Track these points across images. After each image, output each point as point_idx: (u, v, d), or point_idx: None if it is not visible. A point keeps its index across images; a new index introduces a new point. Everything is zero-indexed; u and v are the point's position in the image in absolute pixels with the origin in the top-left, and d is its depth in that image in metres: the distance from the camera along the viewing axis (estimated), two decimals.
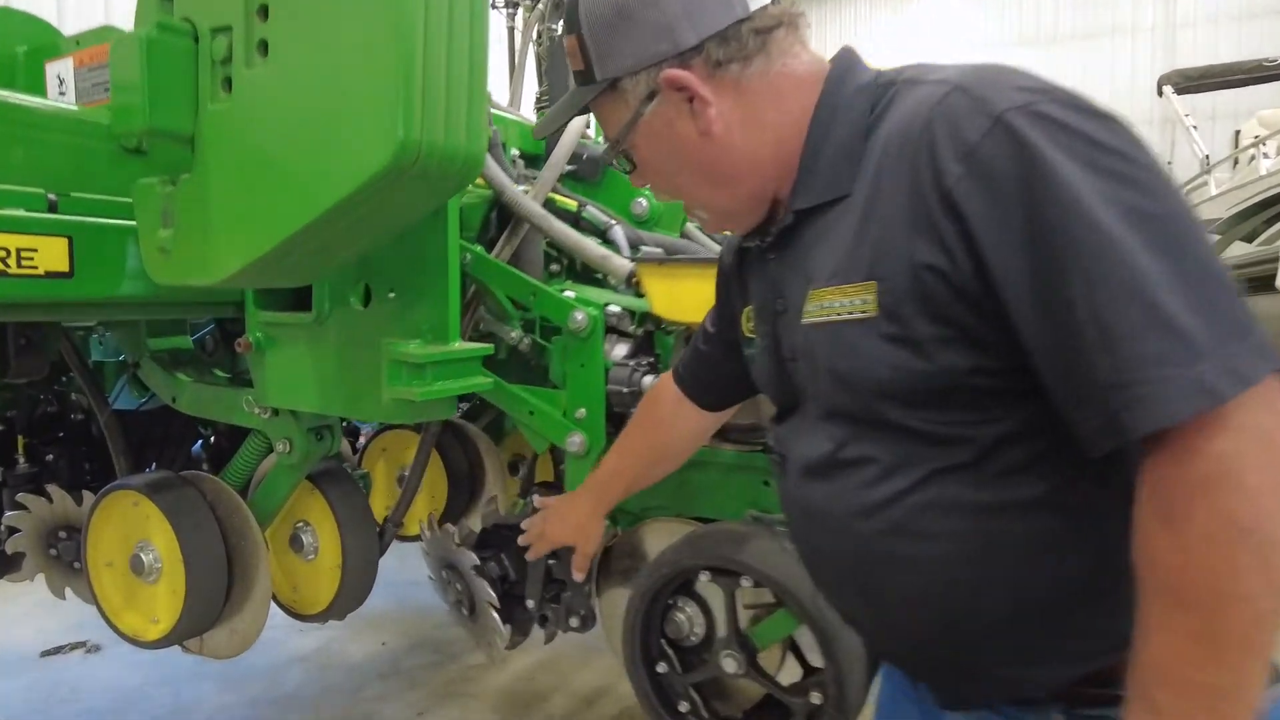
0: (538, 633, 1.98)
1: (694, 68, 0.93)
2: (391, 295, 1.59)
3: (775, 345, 1.03)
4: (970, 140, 0.77)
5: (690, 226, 2.31)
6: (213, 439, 3.07)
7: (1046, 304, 0.74)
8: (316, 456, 1.92)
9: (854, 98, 0.92)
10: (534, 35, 4.03)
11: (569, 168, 2.09)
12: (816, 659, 1.77)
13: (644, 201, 2.15)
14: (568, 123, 1.10)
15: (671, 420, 1.48)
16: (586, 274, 2.08)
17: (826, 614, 1.49)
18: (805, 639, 1.70)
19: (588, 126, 2.18)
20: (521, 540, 1.73)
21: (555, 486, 1.91)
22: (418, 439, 2.66)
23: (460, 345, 1.55)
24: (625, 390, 1.66)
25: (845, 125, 0.91)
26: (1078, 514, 0.83)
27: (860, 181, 0.88)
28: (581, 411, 1.69)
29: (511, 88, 3.45)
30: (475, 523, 2.19)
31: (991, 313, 0.78)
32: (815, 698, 1.53)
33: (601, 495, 1.62)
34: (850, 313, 0.86)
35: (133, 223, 1.55)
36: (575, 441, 1.68)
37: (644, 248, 1.90)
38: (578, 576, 1.69)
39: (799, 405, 1.02)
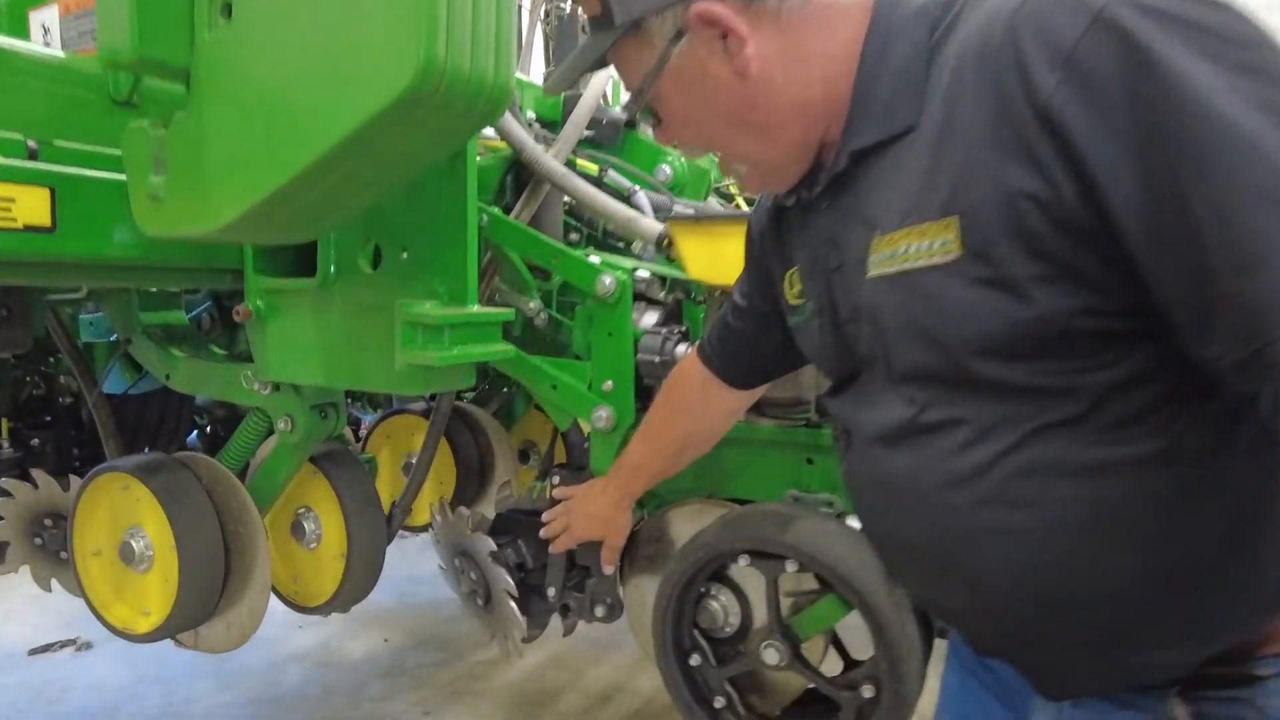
0: (551, 627, 1.86)
1: (726, 0, 0.81)
2: (404, 256, 1.46)
3: (830, 308, 0.92)
4: (1066, 42, 0.65)
5: (712, 200, 2.19)
6: (209, 428, 2.96)
7: (1170, 225, 0.63)
8: (320, 436, 1.79)
9: (910, 22, 0.82)
10: (541, 14, 3.89)
11: (587, 133, 1.97)
12: (859, 651, 1.66)
13: (667, 168, 2.03)
14: (579, 77, 0.98)
15: (699, 403, 1.37)
16: (607, 245, 1.95)
17: (881, 598, 1.37)
18: (847, 630, 1.58)
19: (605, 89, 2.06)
20: (544, 533, 1.63)
21: (578, 468, 1.78)
22: (424, 424, 2.54)
23: (479, 309, 1.42)
24: (657, 360, 1.53)
25: (903, 52, 0.81)
26: (1199, 468, 0.72)
27: (928, 111, 0.78)
28: (608, 384, 1.56)
29: (518, 68, 3.33)
30: (488, 509, 2.07)
31: (1100, 243, 0.67)
32: (867, 691, 1.41)
33: (628, 486, 1.52)
34: (929, 257, 0.75)
35: (121, 177, 1.43)
36: (602, 416, 1.55)
37: (677, 207, 1.78)
38: (606, 570, 1.58)
39: (860, 373, 0.91)
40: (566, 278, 1.58)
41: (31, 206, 1.30)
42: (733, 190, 2.27)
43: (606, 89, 1.93)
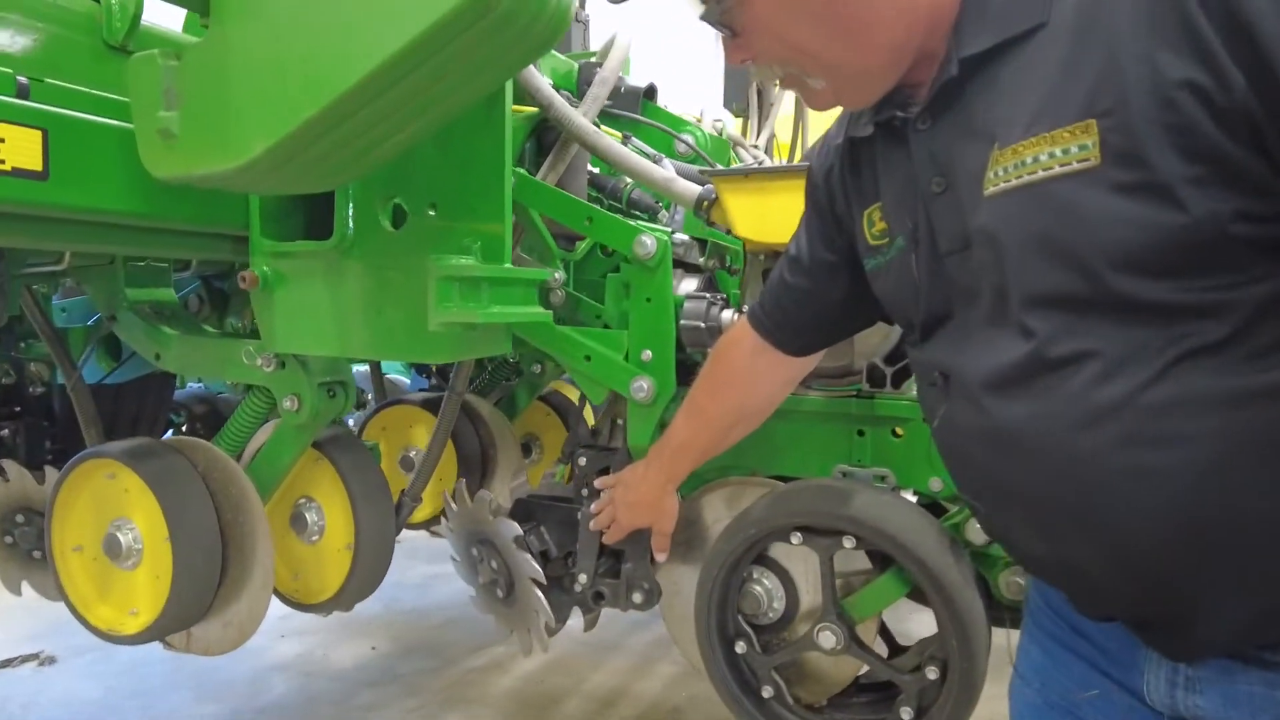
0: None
1: None
2: (432, 212, 1.35)
3: (929, 238, 0.85)
4: None
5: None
6: (185, 425, 2.79)
7: None
8: (328, 416, 1.66)
9: None
10: None
11: (605, 102, 1.88)
12: (907, 637, 1.58)
13: (689, 137, 1.95)
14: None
15: (749, 375, 1.28)
16: (631, 217, 1.86)
17: (951, 571, 1.29)
18: (892, 616, 1.50)
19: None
20: (594, 525, 1.52)
21: (605, 448, 1.68)
22: (423, 415, 2.42)
23: (515, 266, 1.32)
24: (703, 326, 1.44)
25: None
26: None
27: (1058, 8, 0.71)
28: (647, 354, 1.46)
29: None
30: (502, 498, 1.94)
31: (1266, 137, 0.61)
32: (931, 672, 1.32)
33: (673, 469, 1.43)
34: (1064, 165, 0.68)
35: (117, 123, 1.31)
36: (642, 387, 1.45)
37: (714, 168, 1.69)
38: (660, 558, 1.48)
39: (952, 314, 0.83)
40: (602, 240, 1.48)
41: (22, 148, 1.17)
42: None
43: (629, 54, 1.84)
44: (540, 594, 1.60)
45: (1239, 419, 0.67)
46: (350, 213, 1.41)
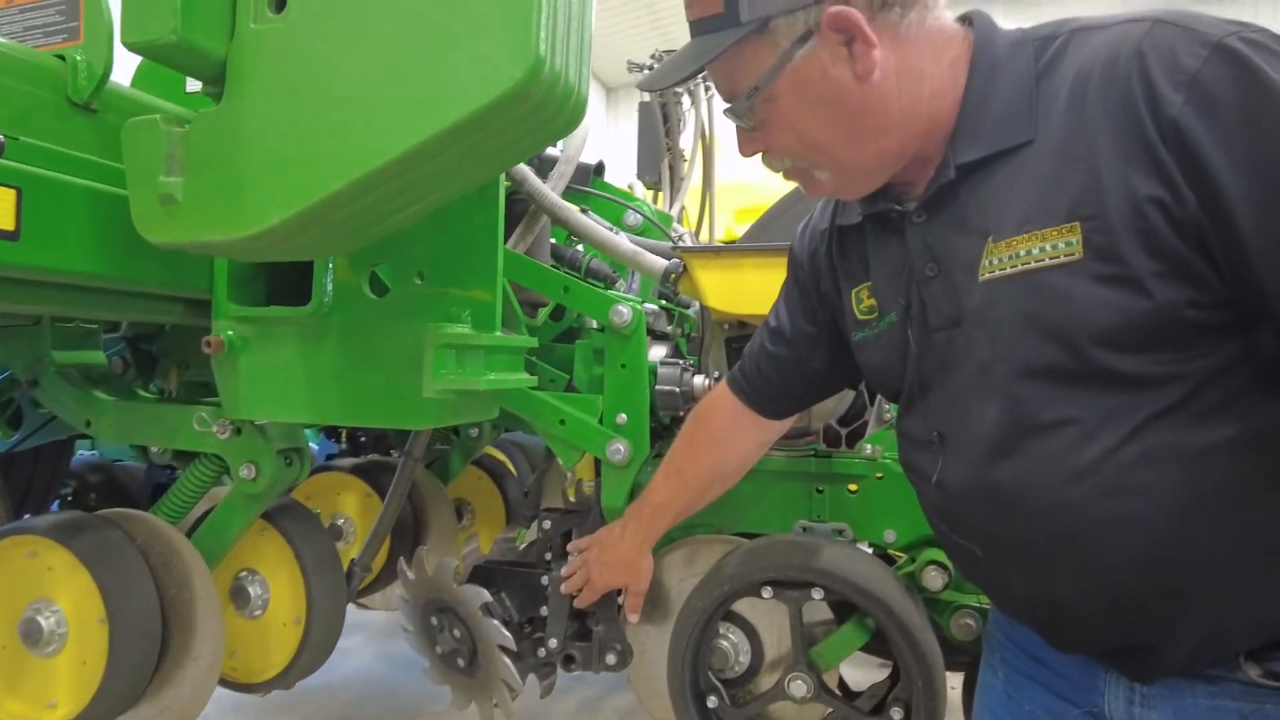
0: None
1: (855, 7, 0.87)
2: (419, 280, 1.37)
3: (921, 315, 0.97)
4: (1189, 68, 0.76)
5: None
6: (74, 494, 2.58)
7: None
8: (285, 485, 1.61)
9: (1012, 50, 0.91)
10: None
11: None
12: (858, 683, 1.67)
13: (636, 215, 2.06)
14: (682, 79, 1.00)
15: (728, 436, 1.37)
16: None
17: (914, 616, 1.39)
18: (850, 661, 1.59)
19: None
20: (566, 589, 1.54)
21: (567, 510, 1.70)
22: (351, 482, 2.36)
23: (504, 334, 1.35)
24: (678, 390, 1.51)
25: (1012, 75, 0.89)
26: None
27: (1044, 126, 0.86)
28: (622, 417, 1.52)
29: None
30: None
31: (1209, 244, 0.77)
32: (896, 714, 1.41)
33: (650, 529, 1.48)
34: (1053, 258, 0.82)
35: (88, 183, 1.27)
36: (619, 449, 1.51)
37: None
38: (632, 619, 1.51)
39: (941, 381, 0.96)
40: (578, 309, 1.54)
41: None
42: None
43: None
44: (509, 661, 1.59)
45: (1193, 470, 0.81)
46: (329, 279, 1.40)
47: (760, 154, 1.01)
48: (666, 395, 1.51)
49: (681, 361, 1.54)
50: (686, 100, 3.45)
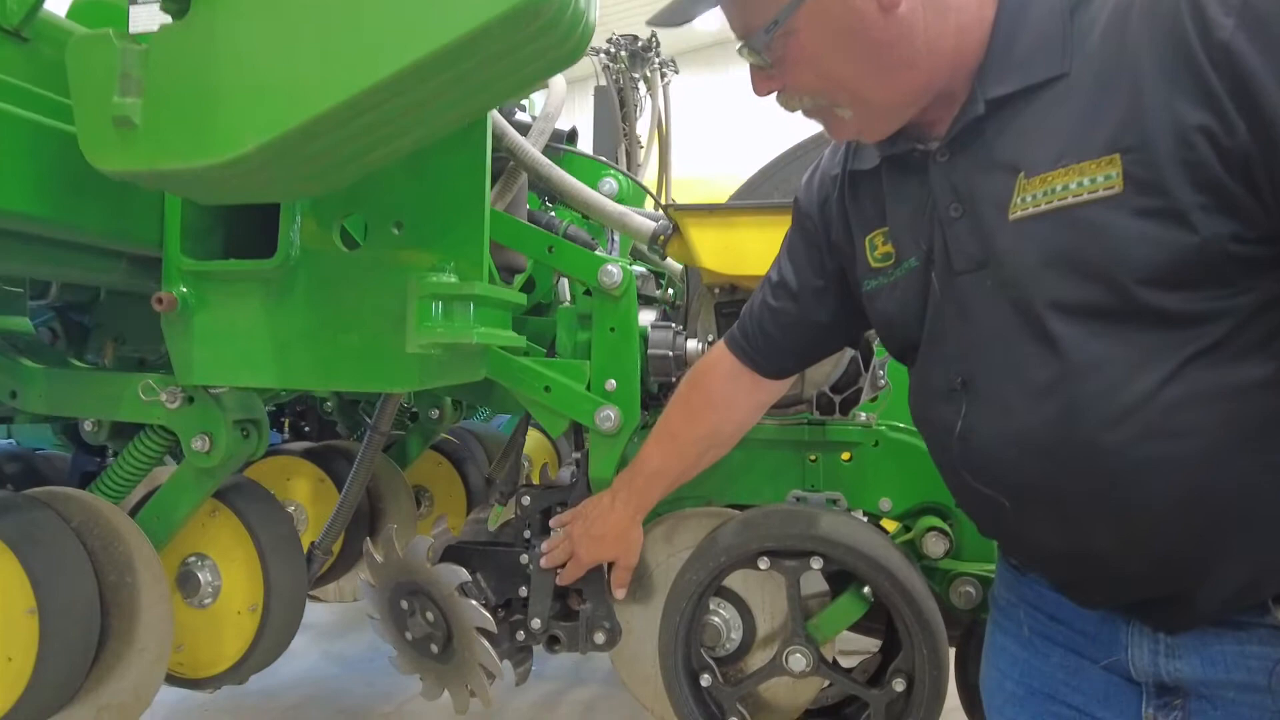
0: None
1: None
2: (396, 231, 1.27)
3: (944, 258, 0.93)
4: None
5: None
6: None
7: None
8: (240, 459, 1.48)
9: None
10: None
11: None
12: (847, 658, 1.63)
13: (612, 181, 1.98)
14: (697, 12, 0.94)
15: (726, 398, 1.31)
16: None
17: (918, 585, 1.36)
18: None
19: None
20: (545, 563, 1.45)
21: (546, 486, 1.61)
22: (302, 466, 2.22)
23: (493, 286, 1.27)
24: (670, 354, 1.44)
25: (1043, 7, 0.86)
26: None
27: (1080, 59, 0.83)
28: (612, 383, 1.44)
29: None
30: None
31: (1256, 176, 0.74)
32: (898, 685, 1.37)
33: (643, 499, 1.41)
34: (1090, 192, 0.79)
35: (24, 113, 1.13)
36: (609, 416, 1.43)
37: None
38: (619, 594, 1.43)
39: (962, 327, 0.92)
40: (564, 270, 1.46)
41: None
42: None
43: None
44: (487, 645, 1.50)
45: (1234, 409, 0.78)
46: (297, 229, 1.29)
47: (775, 94, 0.95)
48: (659, 360, 1.44)
49: (674, 325, 1.48)
50: (643, 87, 3.39)
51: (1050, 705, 0.98)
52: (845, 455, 1.53)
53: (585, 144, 3.27)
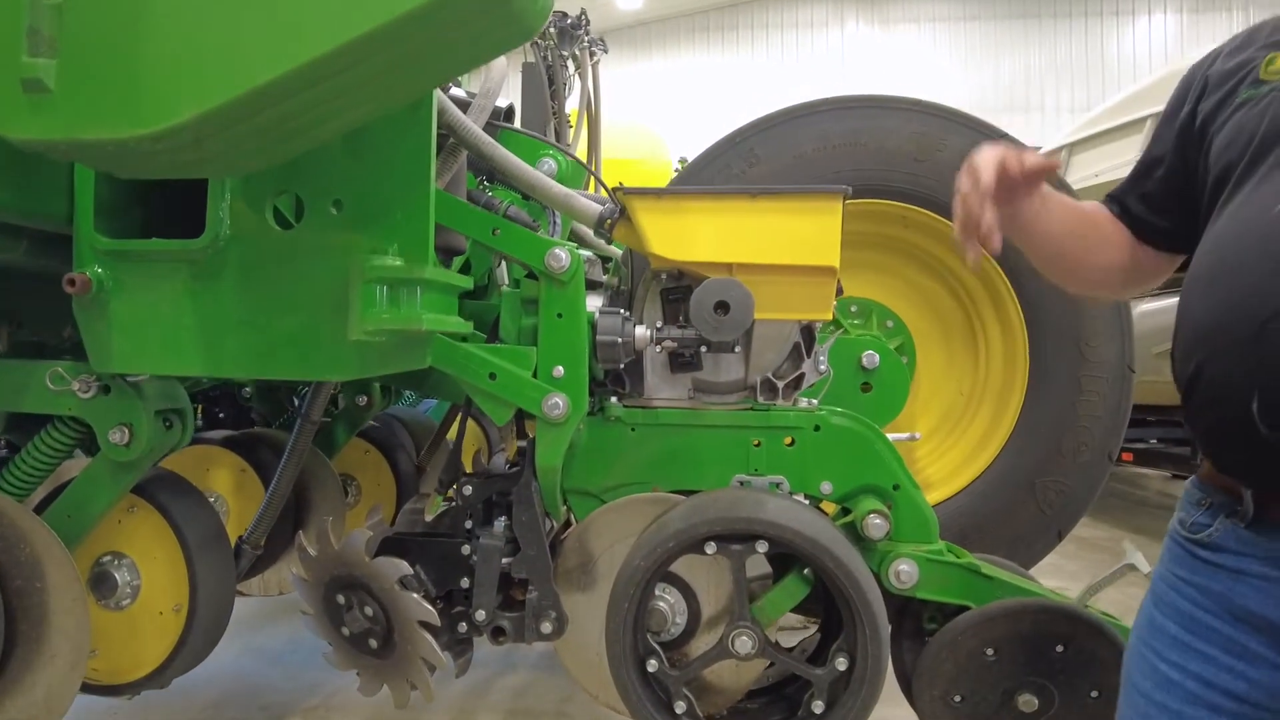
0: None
1: None
2: (335, 210, 1.21)
3: None
4: None
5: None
6: None
7: None
8: (162, 452, 1.39)
9: None
10: None
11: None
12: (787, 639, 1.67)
13: (551, 162, 1.94)
14: None
15: (1106, 232, 1.14)
16: None
17: (860, 567, 1.39)
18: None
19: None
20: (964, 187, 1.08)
21: (494, 477, 1.58)
22: (225, 456, 2.12)
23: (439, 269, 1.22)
24: (619, 341, 1.43)
25: None
26: None
27: None
28: (559, 369, 1.42)
29: None
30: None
31: None
32: (841, 663, 1.41)
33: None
34: None
35: None
36: (557, 404, 1.40)
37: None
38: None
39: None
40: (510, 253, 1.41)
41: None
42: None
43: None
44: (430, 638, 1.46)
45: None
46: (226, 207, 1.21)
47: None
48: (607, 346, 1.42)
49: (623, 311, 1.46)
50: (571, 65, 3.34)
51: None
52: (788, 440, 1.55)
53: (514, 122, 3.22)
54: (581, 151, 3.32)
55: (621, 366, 1.49)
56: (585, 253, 1.49)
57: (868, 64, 16.40)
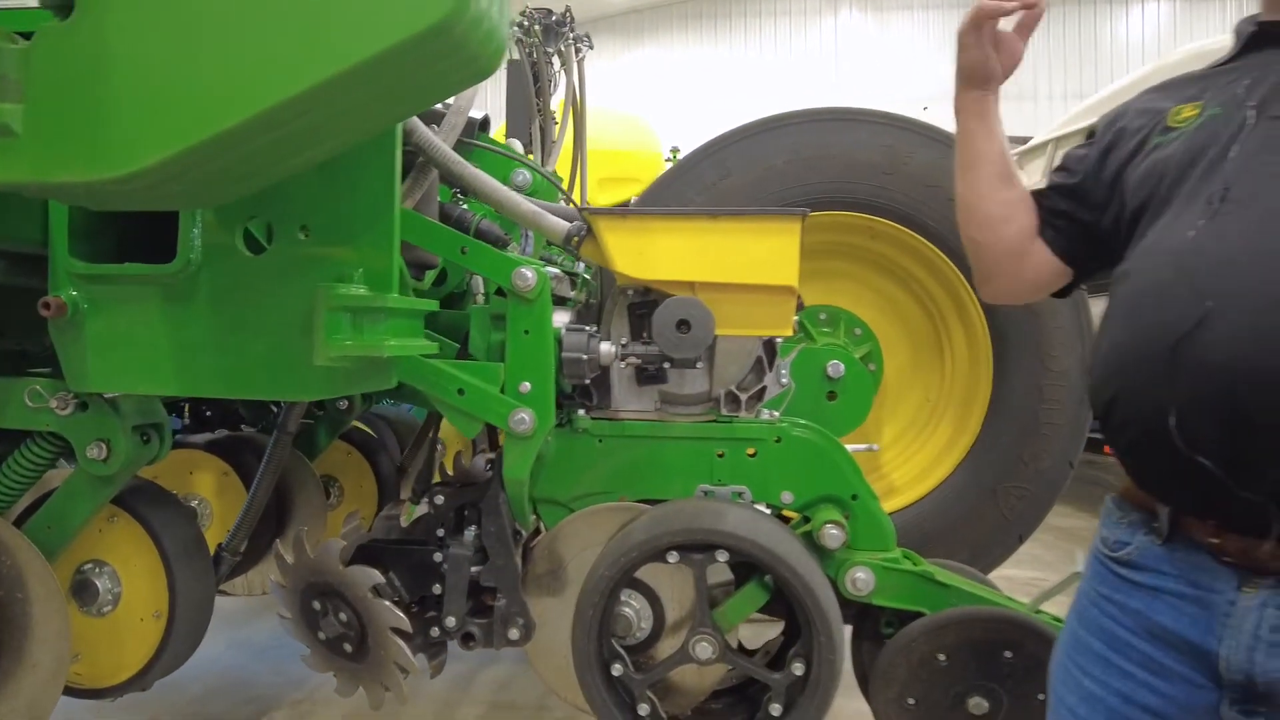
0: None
1: None
2: (303, 236, 1.25)
3: (1259, 105, 0.93)
4: None
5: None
6: None
7: None
8: (139, 465, 1.44)
9: None
10: None
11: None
12: (751, 641, 1.72)
13: (525, 174, 1.97)
14: None
15: (1022, 197, 1.17)
16: None
17: (815, 575, 1.44)
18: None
19: None
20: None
21: (464, 485, 1.63)
22: (206, 459, 2.16)
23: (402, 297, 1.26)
24: (585, 357, 1.47)
25: None
26: None
27: None
28: (526, 385, 1.46)
29: None
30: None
31: None
32: (798, 668, 1.46)
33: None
34: None
35: None
36: (523, 419, 1.45)
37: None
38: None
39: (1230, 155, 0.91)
40: (478, 271, 1.45)
41: None
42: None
43: None
44: (402, 644, 1.51)
45: None
46: (198, 232, 1.25)
47: None
48: (572, 363, 1.47)
49: (588, 328, 1.50)
50: (557, 61, 3.36)
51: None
52: (750, 451, 1.60)
53: (498, 120, 3.23)
54: (567, 147, 3.35)
55: (588, 381, 1.53)
56: (553, 270, 1.53)
57: (861, 52, 16.42)
